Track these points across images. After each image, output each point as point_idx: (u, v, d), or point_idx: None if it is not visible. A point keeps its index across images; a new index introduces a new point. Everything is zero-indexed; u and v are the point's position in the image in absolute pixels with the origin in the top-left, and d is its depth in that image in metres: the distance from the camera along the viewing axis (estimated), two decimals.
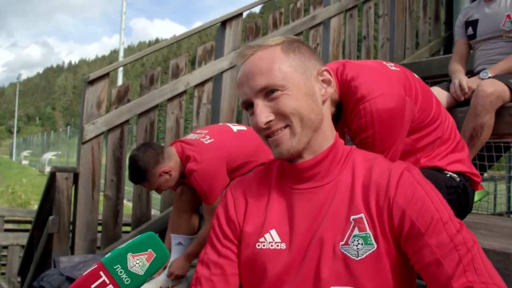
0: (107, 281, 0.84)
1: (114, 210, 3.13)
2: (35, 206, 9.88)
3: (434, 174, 1.67)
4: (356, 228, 1.01)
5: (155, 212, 3.50)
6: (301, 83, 1.06)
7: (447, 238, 0.95)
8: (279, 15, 3.73)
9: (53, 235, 2.93)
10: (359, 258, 0.99)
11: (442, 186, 1.67)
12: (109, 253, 0.88)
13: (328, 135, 1.11)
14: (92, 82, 3.03)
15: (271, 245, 1.08)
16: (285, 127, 1.05)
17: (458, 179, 1.73)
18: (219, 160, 2.36)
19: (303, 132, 1.05)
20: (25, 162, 37.13)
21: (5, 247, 5.74)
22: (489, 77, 2.47)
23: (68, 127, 35.76)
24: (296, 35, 3.70)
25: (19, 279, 4.67)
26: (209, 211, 2.42)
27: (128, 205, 4.53)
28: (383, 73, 1.58)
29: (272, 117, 1.04)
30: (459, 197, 1.74)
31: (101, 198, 3.09)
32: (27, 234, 4.26)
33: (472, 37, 2.87)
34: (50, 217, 2.94)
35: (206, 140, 2.42)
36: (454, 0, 4.83)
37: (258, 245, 1.09)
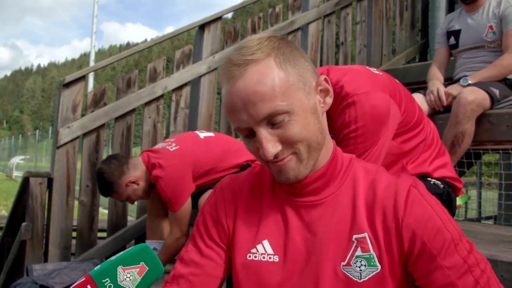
0: None
1: (89, 216, 3.05)
2: (3, 212, 9.63)
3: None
4: (359, 248, 0.96)
5: (131, 218, 3.44)
6: (304, 102, 0.95)
7: (460, 260, 0.92)
8: (258, 19, 3.71)
9: (26, 242, 2.84)
10: (362, 280, 0.95)
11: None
12: (99, 266, 0.84)
13: (328, 146, 1.04)
14: (67, 85, 2.96)
15: (263, 257, 1.03)
16: (291, 154, 0.96)
17: (442, 186, 1.74)
18: (184, 166, 2.37)
19: (310, 157, 0.98)
20: None
21: None
22: (469, 84, 2.50)
23: (37, 131, 35.09)
24: None
25: None
26: (174, 219, 2.43)
27: (103, 212, 4.43)
28: (368, 74, 1.60)
29: (280, 147, 0.94)
30: (444, 203, 1.75)
31: (76, 204, 3.02)
32: None
33: (454, 46, 2.90)
34: (23, 224, 2.85)
35: (172, 148, 2.43)
36: (430, 7, 4.91)
37: (249, 256, 1.04)
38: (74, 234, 3.03)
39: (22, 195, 3.02)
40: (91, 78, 15.08)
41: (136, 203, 3.12)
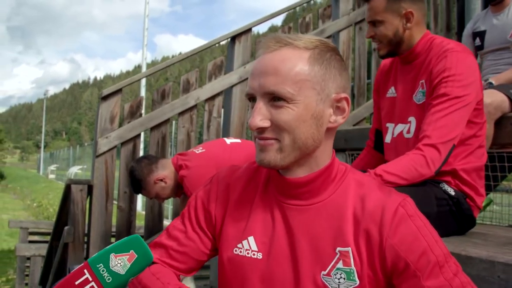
0: (90, 279, 0.91)
1: (127, 221, 3.22)
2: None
3: (423, 186, 1.73)
4: (341, 261, 0.98)
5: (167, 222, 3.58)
6: (312, 102, 0.98)
7: (445, 282, 0.95)
8: (288, 29, 3.82)
9: (68, 244, 3.04)
10: None
11: (432, 197, 1.73)
12: (96, 253, 0.96)
13: (322, 161, 1.04)
14: (105, 98, 3.15)
15: (247, 253, 1.06)
16: (275, 139, 0.98)
17: (453, 192, 1.78)
18: (208, 168, 2.48)
19: (291, 153, 0.99)
20: (51, 176, 37.77)
21: (28, 258, 5.90)
22: (491, 87, 2.49)
23: (93, 142, 36.17)
24: None
25: None
26: None
27: (142, 214, 4.63)
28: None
29: (267, 124, 0.97)
30: (452, 212, 1.78)
31: (115, 209, 3.20)
32: None
33: (479, 48, 2.88)
34: (66, 228, 3.05)
35: (198, 151, 2.60)
36: (465, 10, 4.84)
37: (236, 250, 1.08)
38: (113, 239, 3.21)
39: (66, 202, 3.23)
40: (143, 89, 15.52)
41: (171, 206, 3.27)
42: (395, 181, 1.61)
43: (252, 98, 1.01)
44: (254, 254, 1.06)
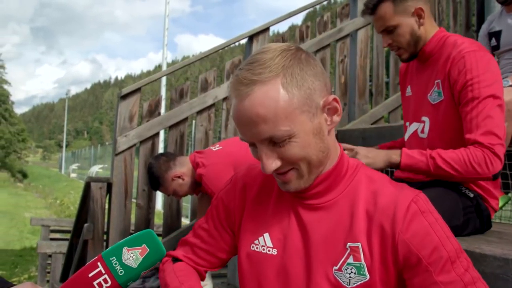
0: (103, 271, 0.93)
1: (146, 218, 3.26)
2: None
3: (449, 196, 1.72)
4: (351, 256, 1.00)
5: (185, 220, 3.62)
6: (308, 124, 0.98)
7: (456, 277, 0.96)
8: (306, 28, 3.82)
9: (88, 241, 3.09)
10: (350, 286, 1.00)
11: (459, 211, 1.71)
12: (110, 247, 0.98)
13: (332, 160, 1.07)
14: (124, 97, 3.20)
15: (263, 249, 1.10)
16: (292, 169, 1.01)
17: (471, 195, 1.76)
18: (225, 165, 2.52)
19: (311, 173, 1.02)
20: (73, 175, 38.27)
21: (50, 255, 6.00)
22: (510, 85, 2.47)
23: (113, 141, 36.50)
24: (323, 47, 3.77)
25: (61, 285, 4.87)
26: None
27: (161, 212, 4.68)
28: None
29: (279, 163, 0.99)
30: (476, 210, 1.77)
31: (134, 207, 3.24)
32: None
33: (495, 48, 2.86)
34: (85, 225, 3.10)
35: (215, 148, 2.64)
36: (485, 8, 4.79)
37: (253, 247, 1.12)
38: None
39: (85, 199, 3.29)
40: (163, 88, 15.66)
41: (189, 205, 3.30)
42: (446, 169, 1.62)
43: (249, 142, 1.01)
44: (269, 250, 1.10)
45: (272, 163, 0.98)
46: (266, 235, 1.11)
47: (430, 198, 1.07)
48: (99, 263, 0.94)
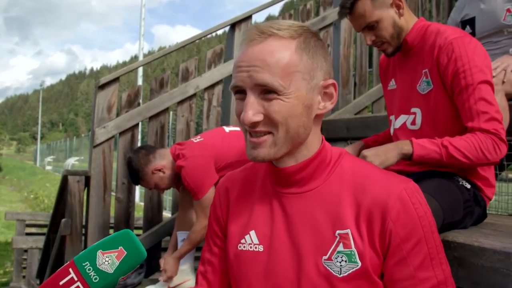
0: (75, 278, 0.84)
1: (126, 212, 3.16)
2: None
3: (450, 190, 1.67)
4: (341, 244, 0.98)
5: (166, 214, 3.53)
6: (303, 92, 0.98)
7: (432, 273, 0.99)
8: (289, 16, 3.74)
9: (66, 237, 2.99)
10: (341, 275, 0.97)
11: (460, 206, 1.67)
12: (83, 251, 0.89)
13: (313, 147, 1.05)
14: (102, 87, 3.08)
15: (250, 247, 1.08)
16: (268, 133, 0.98)
17: (468, 186, 1.73)
18: (206, 157, 2.47)
19: (284, 145, 0.99)
20: (48, 167, 37.75)
21: (26, 250, 5.85)
22: None
23: (90, 132, 36.17)
24: None
25: (38, 281, 4.76)
26: (198, 207, 2.53)
27: (141, 205, 4.58)
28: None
29: (260, 117, 0.96)
30: (472, 208, 1.74)
31: (113, 200, 3.14)
32: None
33: (471, 35, 2.80)
34: (63, 220, 3.00)
35: (196, 140, 2.57)
36: None
37: (240, 246, 1.09)
38: (111, 231, 3.15)
39: (63, 193, 3.17)
40: (140, 79, 15.45)
41: (171, 198, 3.21)
42: (459, 158, 1.59)
43: (238, 91, 1.00)
44: (256, 248, 1.07)
45: (254, 114, 0.96)
46: (252, 233, 1.09)
47: (430, 192, 1.03)
48: (70, 269, 0.85)
